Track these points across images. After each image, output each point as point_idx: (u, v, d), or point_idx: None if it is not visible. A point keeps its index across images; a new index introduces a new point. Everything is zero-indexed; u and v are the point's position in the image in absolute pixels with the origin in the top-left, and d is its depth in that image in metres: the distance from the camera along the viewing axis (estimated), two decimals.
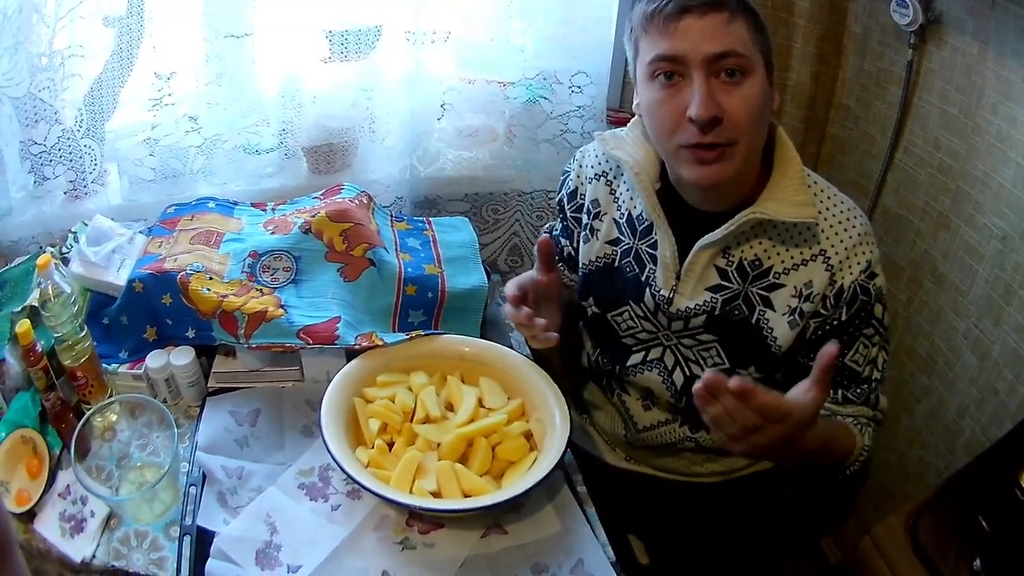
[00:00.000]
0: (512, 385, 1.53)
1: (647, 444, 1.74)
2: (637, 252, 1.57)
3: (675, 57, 1.32)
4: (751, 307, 1.49)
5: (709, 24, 1.31)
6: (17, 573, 0.94)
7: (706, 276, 1.50)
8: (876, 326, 1.48)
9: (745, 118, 1.32)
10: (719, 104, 1.31)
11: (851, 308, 1.45)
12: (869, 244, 1.45)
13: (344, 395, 1.45)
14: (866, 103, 2.18)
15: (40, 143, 1.77)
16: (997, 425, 1.78)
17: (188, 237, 1.73)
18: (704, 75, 1.31)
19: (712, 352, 1.56)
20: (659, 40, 1.34)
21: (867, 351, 1.50)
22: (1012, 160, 1.71)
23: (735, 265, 1.47)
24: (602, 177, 1.64)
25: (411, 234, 1.92)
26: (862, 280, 1.43)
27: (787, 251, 1.45)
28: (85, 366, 1.44)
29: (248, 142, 1.99)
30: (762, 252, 1.46)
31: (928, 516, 1.44)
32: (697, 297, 1.51)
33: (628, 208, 1.59)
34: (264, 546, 1.27)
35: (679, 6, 1.32)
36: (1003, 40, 1.69)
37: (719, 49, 1.30)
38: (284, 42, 1.90)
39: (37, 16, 1.67)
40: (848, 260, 1.43)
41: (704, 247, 1.46)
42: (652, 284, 1.55)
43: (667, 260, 1.51)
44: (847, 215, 1.45)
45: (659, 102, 1.37)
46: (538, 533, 1.34)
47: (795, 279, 1.45)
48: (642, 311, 1.59)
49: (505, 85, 2.15)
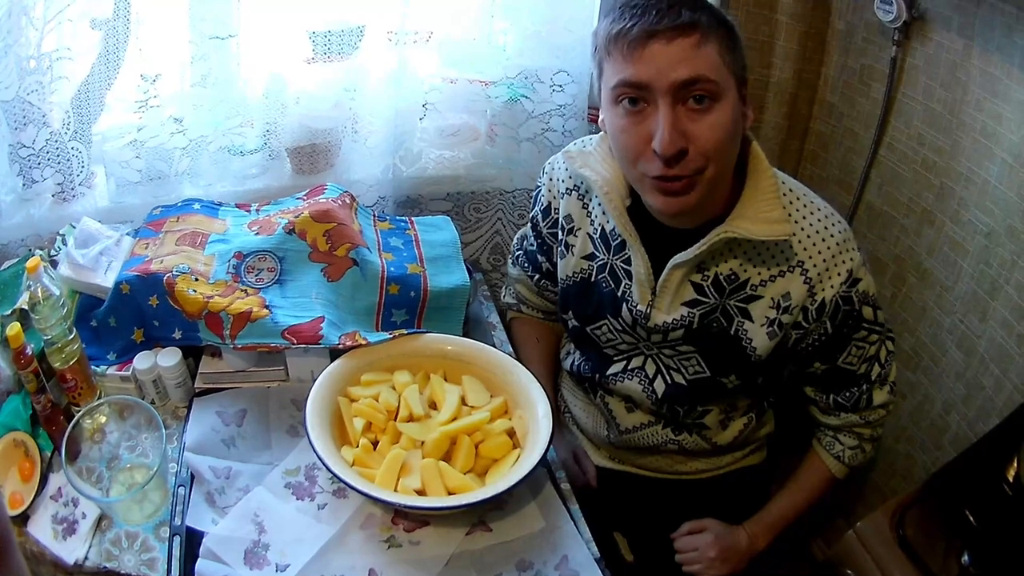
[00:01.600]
0: (495, 383, 1.55)
1: (630, 445, 1.75)
2: (612, 267, 1.57)
3: (640, 84, 1.28)
4: (729, 319, 1.49)
5: (677, 50, 1.25)
6: (16, 571, 0.96)
7: (682, 292, 1.49)
8: (868, 327, 1.49)
9: (713, 147, 1.29)
10: (685, 134, 1.27)
11: (835, 320, 1.46)
12: (849, 251, 1.43)
13: (329, 394, 1.47)
14: (850, 100, 2.19)
15: (28, 146, 1.77)
16: (984, 420, 1.79)
17: (174, 239, 1.74)
18: (670, 103, 1.27)
19: (692, 361, 1.57)
20: (623, 65, 1.30)
21: (861, 351, 1.52)
22: (997, 156, 1.72)
23: (711, 280, 1.46)
24: (574, 191, 1.62)
25: (393, 233, 1.93)
26: (843, 291, 1.43)
27: (763, 264, 1.44)
28: (74, 368, 1.45)
29: (233, 143, 2.00)
30: (738, 267, 1.45)
31: (915, 511, 1.45)
32: (674, 312, 1.50)
33: (601, 223, 1.57)
34: (252, 545, 1.29)
35: (645, 31, 1.26)
36: (988, 36, 1.70)
37: (686, 76, 1.25)
38: (268, 43, 1.90)
39: (26, 19, 1.67)
40: (828, 272, 1.42)
41: (677, 265, 1.45)
42: (628, 300, 1.54)
43: (642, 277, 1.50)
44: (824, 223, 1.44)
45: (623, 129, 1.34)
46: (522, 530, 1.36)
47: (772, 291, 1.44)
48: (620, 325, 1.59)
49: (487, 84, 2.15)
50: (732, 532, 1.69)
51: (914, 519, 1.44)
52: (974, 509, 1.36)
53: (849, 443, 1.64)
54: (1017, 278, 1.70)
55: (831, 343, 1.50)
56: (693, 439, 1.70)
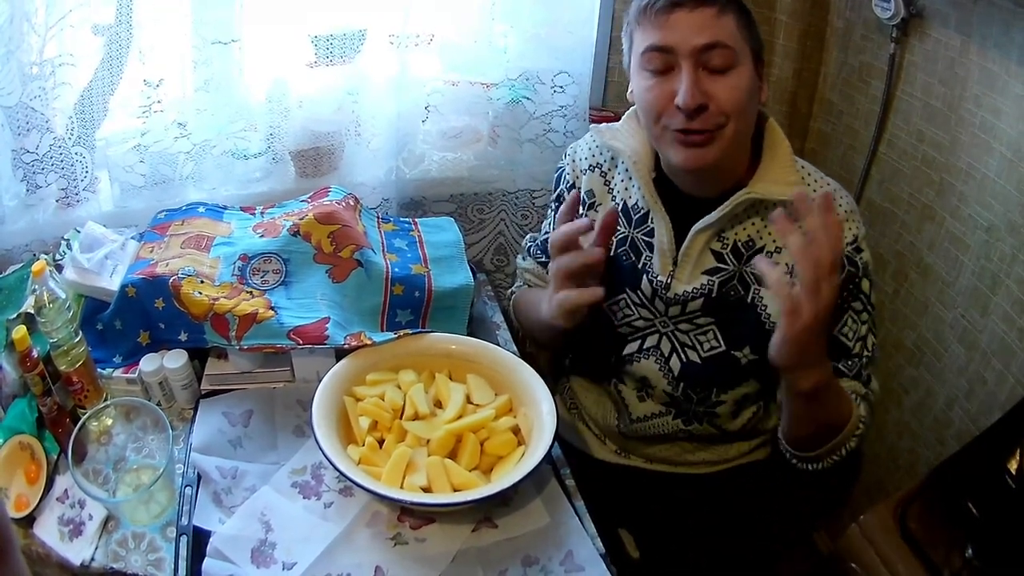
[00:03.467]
0: (499, 381, 1.56)
1: (639, 435, 1.76)
2: (633, 240, 1.61)
3: (665, 47, 1.39)
4: (746, 287, 1.54)
5: (698, 17, 1.38)
6: (17, 573, 0.96)
7: (702, 260, 1.55)
8: (864, 301, 1.53)
9: (731, 104, 1.39)
10: (706, 92, 1.38)
11: (840, 277, 1.47)
12: (856, 221, 1.51)
13: (334, 394, 1.47)
14: (849, 97, 2.21)
15: (32, 151, 1.78)
16: (986, 414, 1.80)
17: (179, 242, 1.75)
18: (692, 65, 1.38)
19: (709, 335, 1.60)
20: (651, 32, 1.41)
21: (856, 327, 1.53)
22: (996, 151, 1.74)
23: (730, 247, 1.53)
24: (596, 168, 1.67)
25: (397, 235, 1.94)
26: (849, 251, 1.48)
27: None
28: (80, 371, 1.45)
29: (236, 147, 2.01)
30: (755, 232, 1.52)
31: (918, 504, 1.45)
32: (694, 281, 1.55)
33: (623, 198, 1.63)
34: (259, 544, 1.29)
35: (671, 1, 1.39)
36: (986, 32, 1.71)
37: (707, 40, 1.37)
38: (270, 47, 1.92)
39: (28, 25, 1.68)
40: None
41: (700, 231, 1.52)
42: (649, 271, 1.59)
43: (664, 246, 1.56)
44: (835, 195, 1.51)
45: (649, 88, 1.44)
46: (528, 526, 1.36)
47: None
48: (639, 298, 1.62)
49: (488, 86, 2.16)
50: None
51: (917, 512, 1.43)
52: (977, 502, 1.36)
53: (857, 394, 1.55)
54: (1018, 272, 1.71)
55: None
56: (704, 427, 1.70)
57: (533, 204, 2.33)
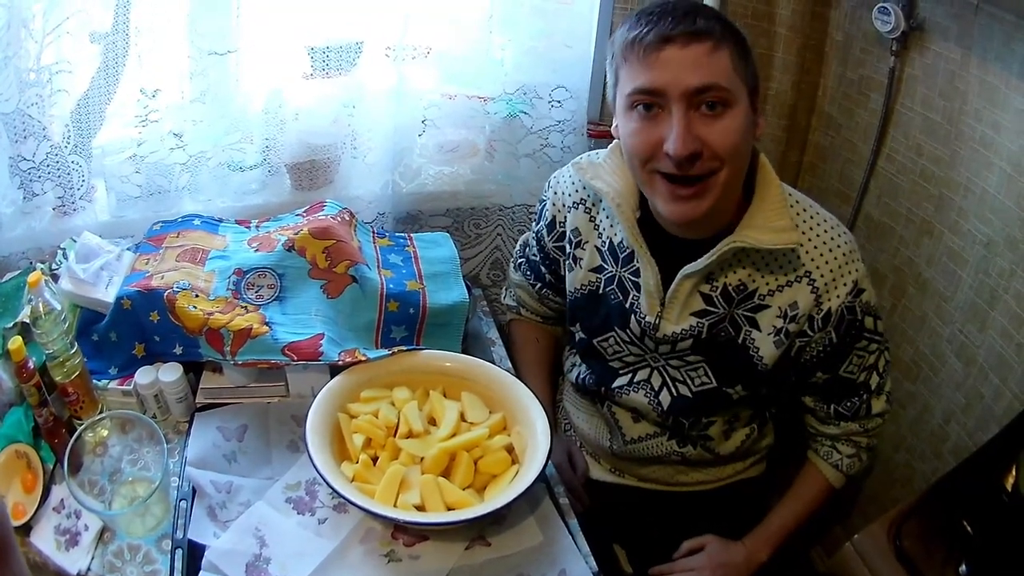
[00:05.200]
0: (493, 399, 1.56)
1: (633, 456, 1.76)
2: (620, 280, 1.59)
3: (655, 91, 1.32)
4: (737, 328, 1.51)
5: (691, 55, 1.29)
6: (17, 573, 0.97)
7: (691, 302, 1.51)
8: (869, 337, 1.53)
9: (725, 149, 1.32)
10: (698, 137, 1.31)
11: (839, 330, 1.49)
12: (855, 262, 1.47)
13: (328, 411, 1.47)
14: (848, 111, 2.20)
15: (29, 159, 1.77)
16: (983, 430, 1.80)
17: (174, 254, 1.76)
18: (684, 108, 1.31)
19: (699, 372, 1.59)
20: (639, 71, 1.34)
21: (862, 360, 1.55)
22: (996, 165, 1.72)
23: (719, 290, 1.49)
24: (580, 205, 1.65)
25: (392, 250, 1.94)
26: (848, 301, 1.46)
27: (771, 274, 1.47)
28: (76, 382, 1.46)
29: (232, 159, 2.01)
30: (746, 277, 1.48)
31: (913, 522, 1.44)
32: (683, 322, 1.53)
33: (609, 236, 1.60)
34: (254, 559, 1.30)
35: (661, 35, 1.30)
36: (987, 46, 1.70)
37: (700, 82, 1.29)
38: (267, 59, 1.92)
39: (25, 31, 1.68)
40: (835, 282, 1.45)
41: (687, 276, 1.47)
42: (637, 311, 1.57)
43: (651, 288, 1.52)
44: (830, 234, 1.47)
45: (636, 132, 1.37)
46: (521, 545, 1.37)
47: (780, 300, 1.47)
48: (628, 336, 1.61)
49: (485, 100, 2.16)
50: (730, 548, 1.69)
51: (912, 530, 1.43)
52: (972, 519, 1.35)
53: (847, 452, 1.66)
54: (1016, 287, 1.71)
55: (834, 353, 1.52)
56: (697, 451, 1.71)
57: (530, 219, 2.31)
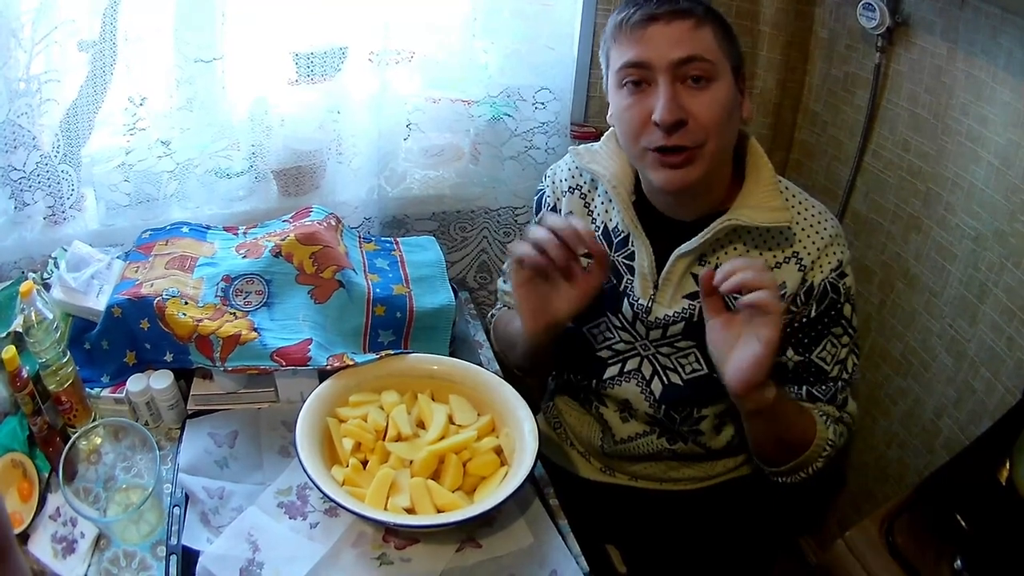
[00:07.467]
0: (481, 401, 1.58)
1: (624, 455, 1.78)
2: (614, 263, 1.61)
3: (641, 63, 1.39)
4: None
5: (675, 31, 1.38)
6: (17, 573, 0.99)
7: (684, 284, 1.55)
8: (845, 326, 1.54)
9: (711, 120, 1.38)
10: (684, 108, 1.37)
11: (820, 304, 1.51)
12: (840, 246, 1.51)
13: (318, 415, 1.49)
14: (834, 108, 2.21)
15: (19, 169, 1.78)
16: (975, 423, 1.82)
17: (163, 262, 1.77)
18: (669, 80, 1.37)
19: (691, 358, 1.61)
20: (627, 48, 1.41)
21: (835, 350, 1.55)
22: (983, 159, 1.74)
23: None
24: (576, 191, 1.68)
25: (379, 255, 1.95)
26: (832, 278, 1.50)
27: (761, 255, 1.50)
28: (69, 391, 1.48)
29: (219, 166, 2.02)
30: (737, 257, 1.51)
31: (905, 517, 1.44)
32: (675, 305, 1.56)
33: (603, 220, 1.63)
34: (247, 564, 1.31)
35: (646, 14, 1.39)
36: (973, 39, 1.71)
37: (684, 54, 1.37)
38: (252, 65, 1.93)
39: (14, 40, 1.68)
40: (819, 260, 1.49)
41: (681, 256, 1.52)
42: (630, 294, 1.60)
43: (645, 270, 1.56)
44: (818, 218, 1.52)
45: (627, 107, 1.43)
46: (512, 546, 1.38)
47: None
48: (619, 321, 1.63)
49: (469, 103, 2.17)
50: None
51: (905, 525, 1.43)
52: (965, 513, 1.35)
53: (832, 414, 1.59)
54: (1005, 281, 1.72)
55: (810, 329, 1.54)
56: (688, 446, 1.73)
57: (515, 221, 2.34)
